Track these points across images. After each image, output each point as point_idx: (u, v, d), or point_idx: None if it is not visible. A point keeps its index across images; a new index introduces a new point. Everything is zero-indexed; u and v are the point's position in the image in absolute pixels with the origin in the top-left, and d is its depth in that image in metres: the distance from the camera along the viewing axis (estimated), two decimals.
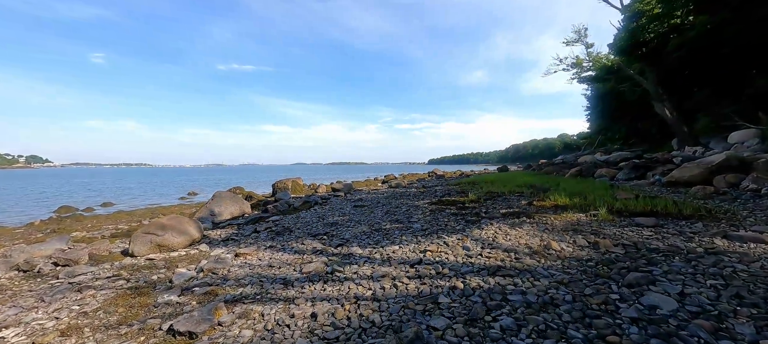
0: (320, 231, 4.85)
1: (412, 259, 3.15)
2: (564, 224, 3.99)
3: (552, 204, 5.37)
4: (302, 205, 8.03)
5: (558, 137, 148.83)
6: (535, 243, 3.31)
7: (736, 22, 9.01)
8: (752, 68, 9.91)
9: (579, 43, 15.61)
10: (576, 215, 4.37)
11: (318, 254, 3.67)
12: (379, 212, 6.35)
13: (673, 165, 7.78)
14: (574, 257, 2.84)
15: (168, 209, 12.32)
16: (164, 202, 16.12)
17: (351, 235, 4.43)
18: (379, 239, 4.07)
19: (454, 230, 4.20)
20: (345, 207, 7.47)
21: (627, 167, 8.33)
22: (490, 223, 4.44)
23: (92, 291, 3.06)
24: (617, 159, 10.82)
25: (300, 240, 4.43)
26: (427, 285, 2.49)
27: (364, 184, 21.63)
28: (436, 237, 3.91)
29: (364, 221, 5.48)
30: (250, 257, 3.85)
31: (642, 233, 3.33)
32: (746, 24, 8.91)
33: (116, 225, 8.25)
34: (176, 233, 4.56)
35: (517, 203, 5.99)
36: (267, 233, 5.23)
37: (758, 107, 8.66)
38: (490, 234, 3.84)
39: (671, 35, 11.75)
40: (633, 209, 4.21)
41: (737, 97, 9.86)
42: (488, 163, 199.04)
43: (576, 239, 3.31)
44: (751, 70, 10.00)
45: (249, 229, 5.72)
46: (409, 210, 6.25)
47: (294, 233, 4.99)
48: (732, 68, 10.63)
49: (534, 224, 4.14)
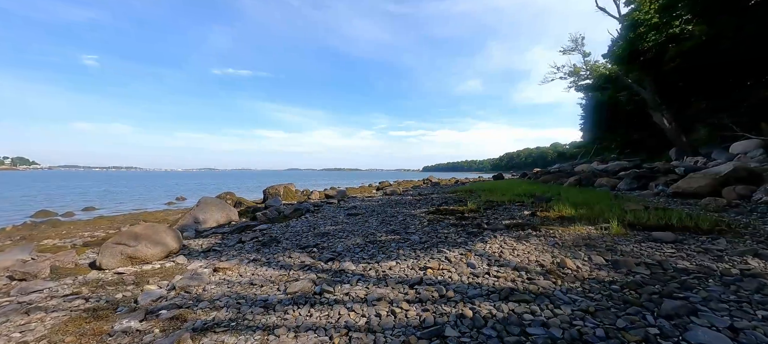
0: (310, 243, 4.48)
1: (411, 278, 2.80)
2: (574, 239, 3.69)
3: (557, 215, 5.08)
4: (293, 213, 7.64)
5: (551, 145, 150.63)
6: (547, 260, 2.99)
7: (733, 32, 9.01)
8: (751, 78, 9.93)
9: (576, 52, 15.66)
10: (585, 228, 4.08)
11: (306, 270, 3.30)
12: (374, 221, 6.00)
13: (675, 175, 7.60)
14: (594, 278, 2.53)
15: (152, 215, 11.77)
16: (150, 207, 15.52)
17: (343, 247, 4.07)
18: (374, 253, 3.72)
19: (455, 244, 3.87)
20: (338, 216, 7.10)
21: (628, 176, 8.13)
22: (494, 236, 4.12)
23: (41, 314, 2.64)
24: (616, 168, 10.67)
25: (287, 253, 4.05)
26: (430, 312, 2.14)
27: (358, 190, 21.24)
28: (436, 251, 3.58)
29: (357, 231, 5.12)
30: (231, 272, 3.46)
31: (663, 250, 3.04)
32: (744, 34, 8.90)
33: (93, 232, 7.74)
34: (150, 243, 4.14)
35: (519, 214, 5.70)
36: (253, 243, 4.83)
37: (759, 118, 8.59)
38: (495, 249, 3.51)
39: (670, 44, 11.76)
40: (646, 223, 3.94)
41: (736, 107, 9.84)
42: (482, 171, 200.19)
43: (591, 256, 3.00)
44: (749, 81, 10.01)
45: (234, 239, 5.31)
46: (406, 220, 5.92)
47: (282, 244, 4.60)
48: (730, 79, 10.64)
49: (541, 238, 3.84)
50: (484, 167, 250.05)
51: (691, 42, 10.80)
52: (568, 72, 15.25)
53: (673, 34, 11.77)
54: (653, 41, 12.21)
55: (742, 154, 7.46)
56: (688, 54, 11.05)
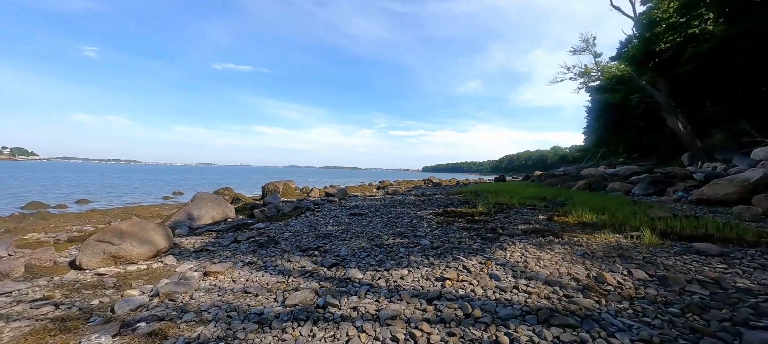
0: (311, 245, 4.12)
1: (428, 291, 2.45)
2: (604, 248, 3.35)
3: (576, 221, 4.74)
4: (292, 211, 7.28)
5: (551, 149, 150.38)
6: (581, 273, 2.65)
7: (755, 32, 8.65)
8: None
9: (587, 52, 15.28)
10: (613, 237, 3.73)
11: (307, 278, 2.94)
12: (379, 222, 5.65)
13: (694, 182, 7.26)
14: (643, 297, 2.18)
15: (147, 210, 11.40)
16: (145, 201, 15.14)
17: (348, 251, 3.72)
18: (382, 259, 3.37)
19: (471, 250, 3.52)
20: (340, 215, 6.75)
21: (644, 181, 7.80)
22: (512, 242, 3.77)
23: (1, 324, 2.28)
24: (627, 173, 10.33)
25: (286, 256, 3.69)
26: (457, 337, 1.79)
27: (359, 189, 20.89)
28: (451, 259, 3.22)
29: (362, 233, 4.77)
30: (223, 277, 3.11)
31: (711, 265, 2.69)
32: (766, 35, 8.56)
33: (82, 226, 7.37)
34: (136, 242, 3.78)
35: (533, 218, 5.35)
36: (249, 244, 4.48)
37: None
38: (517, 257, 3.17)
39: (689, 46, 11.36)
40: (681, 232, 3.59)
41: (755, 112, 9.49)
42: (481, 172, 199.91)
43: (631, 270, 2.66)
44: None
45: (229, 238, 4.96)
46: (413, 221, 5.57)
47: (280, 245, 4.25)
48: (749, 82, 10.29)
49: (566, 246, 3.49)
50: (483, 169, 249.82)
51: (710, 43, 10.44)
52: (578, 73, 14.87)
53: (692, 34, 11.37)
54: (671, 41, 11.82)
55: (766, 160, 7.13)
56: (706, 55, 10.68)
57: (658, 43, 12.05)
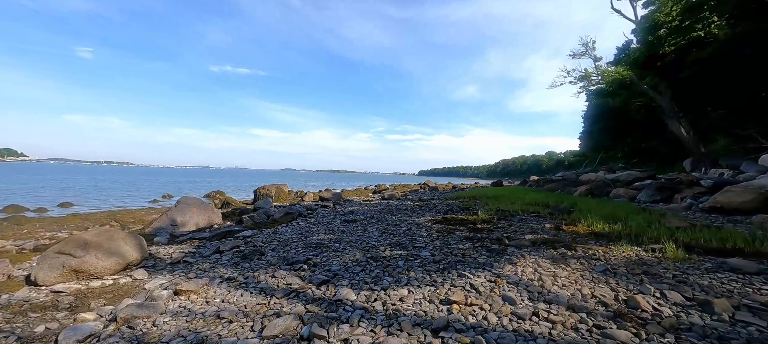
0: (300, 257, 3.74)
1: (433, 318, 2.09)
2: (625, 263, 3.01)
3: (587, 230, 4.42)
4: (283, 217, 6.87)
5: (546, 154, 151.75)
6: (608, 296, 2.30)
7: (759, 35, 8.51)
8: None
9: (586, 56, 15.07)
10: (631, 250, 3.40)
11: (291, 299, 2.56)
12: (375, 230, 5.28)
13: (702, 188, 7.01)
14: (688, 328, 1.84)
15: (132, 214, 10.89)
16: (132, 205, 14.57)
17: (340, 265, 3.34)
18: (378, 275, 2.99)
19: (477, 264, 3.17)
20: (333, 222, 6.36)
21: (649, 188, 7.54)
22: (522, 254, 3.43)
23: None
24: (630, 179, 10.10)
25: (271, 270, 3.30)
26: None
27: (354, 193, 20.50)
28: (456, 275, 2.87)
29: (356, 242, 4.39)
30: (195, 296, 2.71)
31: (757, 287, 2.36)
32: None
33: (56, 232, 6.88)
34: (102, 253, 3.37)
35: (539, 227, 5.03)
36: (232, 254, 4.08)
37: None
38: (529, 273, 2.82)
39: (693, 49, 11.19)
40: (706, 245, 3.28)
41: (760, 117, 9.34)
42: (477, 176, 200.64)
43: (663, 292, 2.32)
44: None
45: (211, 247, 4.55)
46: (411, 229, 5.21)
47: (266, 257, 3.85)
48: (753, 86, 10.16)
49: (582, 261, 3.15)
50: (479, 173, 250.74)
51: (712, 46, 10.30)
52: (578, 76, 14.66)
53: (696, 37, 11.20)
54: (674, 45, 11.65)
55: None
56: (709, 59, 10.54)
57: (661, 47, 11.88)
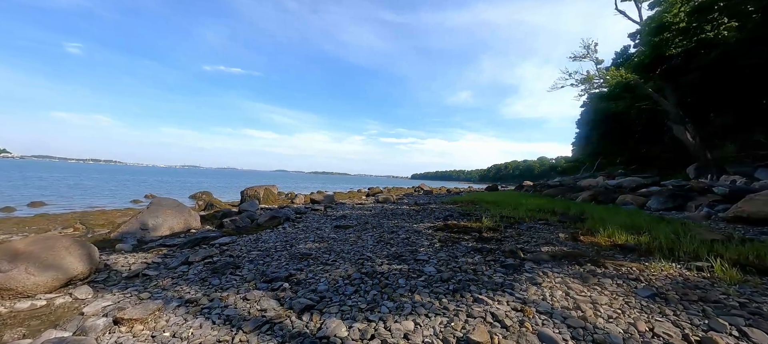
0: (281, 272, 3.16)
1: None
2: (672, 285, 2.52)
3: (609, 242, 3.94)
4: (268, 221, 6.26)
5: (537, 159, 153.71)
6: (671, 333, 1.79)
7: None
8: None
9: (588, 59, 14.76)
10: (671, 267, 2.92)
11: (264, 333, 1.99)
12: (370, 238, 4.72)
13: (715, 196, 6.64)
14: None
15: (106, 215, 10.11)
16: (110, 204, 13.71)
17: (328, 284, 2.78)
18: (375, 298, 2.44)
19: (494, 284, 2.64)
20: (324, 228, 5.79)
21: (661, 195, 7.16)
22: (543, 272, 2.92)
23: None
24: (633, 185, 9.75)
25: (245, 289, 2.72)
26: None
27: (347, 196, 19.92)
28: (471, 299, 2.34)
29: (348, 253, 3.83)
30: (141, 326, 2.12)
31: None
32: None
33: (12, 235, 6.15)
34: (36, 267, 2.74)
35: (553, 236, 4.54)
36: (202, 266, 3.47)
37: None
38: (560, 298, 2.31)
39: (701, 51, 10.92)
40: (760, 264, 2.81)
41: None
42: (470, 181, 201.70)
43: (740, 328, 1.82)
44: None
45: (181, 257, 3.93)
46: (411, 238, 4.67)
47: (241, 271, 3.26)
48: (762, 92, 9.94)
49: (618, 281, 2.65)
50: (472, 178, 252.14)
51: (717, 50, 10.06)
52: (580, 79, 14.33)
53: (705, 39, 10.92)
54: (682, 47, 11.36)
55: None
56: (716, 62, 10.29)
57: (667, 49, 11.58)
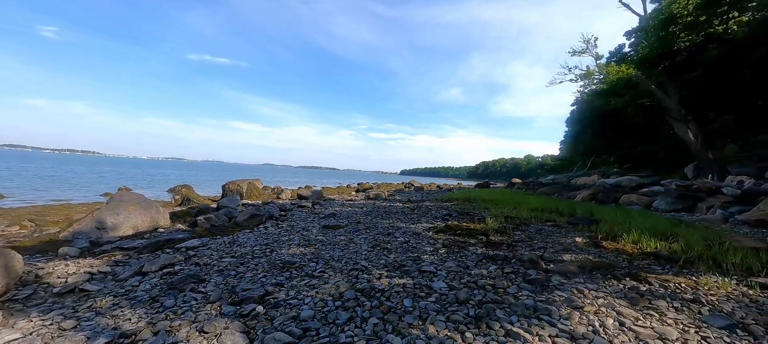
0: (255, 288, 2.54)
1: None
2: (744, 309, 2.05)
3: (637, 250, 3.48)
4: (248, 220, 5.57)
5: (524, 157, 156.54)
6: None
7: None
8: None
9: (587, 54, 14.44)
10: (727, 284, 2.46)
11: None
12: (363, 242, 4.13)
13: (725, 197, 6.35)
14: None
15: (71, 209, 9.17)
16: (78, 198, 12.64)
17: (314, 306, 2.18)
18: (376, 331, 1.86)
19: (524, 308, 2.11)
20: (311, 228, 5.16)
21: (668, 195, 6.85)
22: (578, 289, 2.41)
23: None
24: (633, 184, 9.49)
25: (204, 313, 2.10)
26: None
27: (336, 192, 19.27)
28: (501, 331, 1.79)
29: (339, 261, 3.24)
30: None
31: None
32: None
33: None
34: None
35: (569, 241, 4.06)
36: (158, 278, 2.82)
37: None
38: (614, 329, 1.79)
39: (708, 46, 10.63)
40: None
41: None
42: (459, 178, 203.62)
43: None
44: None
45: (135, 265, 3.25)
46: (410, 241, 4.11)
47: (205, 285, 2.63)
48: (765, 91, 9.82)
49: (673, 302, 2.16)
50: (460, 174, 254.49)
51: (722, 46, 9.88)
52: (579, 74, 13.99)
53: (714, 34, 10.65)
54: (689, 41, 11.08)
55: None
56: (720, 59, 10.09)
57: (675, 43, 11.27)
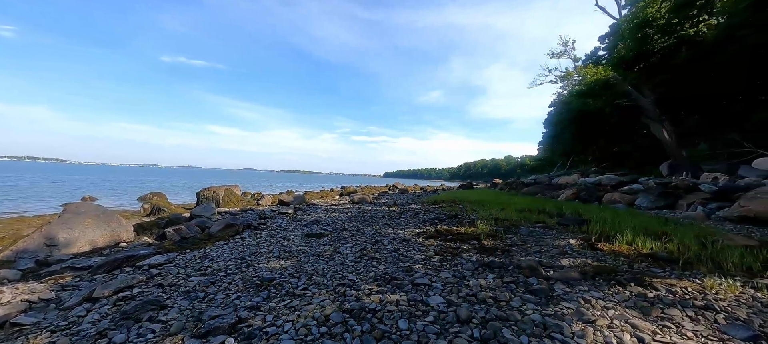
0: (227, 314, 2.20)
1: None
2: (761, 316, 1.92)
3: (633, 251, 3.38)
4: (223, 230, 5.13)
5: (504, 158, 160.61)
6: None
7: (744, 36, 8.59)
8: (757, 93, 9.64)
9: (565, 56, 14.91)
10: (734, 287, 2.35)
11: None
12: (349, 251, 3.84)
13: (703, 193, 6.52)
14: None
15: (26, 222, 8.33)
16: (35, 209, 11.57)
17: (295, 337, 1.87)
18: None
19: (530, 324, 1.90)
20: (292, 237, 4.81)
21: (650, 193, 6.99)
22: (584, 298, 2.24)
23: None
24: (613, 183, 9.71)
25: None
26: None
27: (319, 196, 18.81)
28: None
29: (324, 275, 2.94)
30: None
31: None
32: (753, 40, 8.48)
33: None
34: None
35: (564, 243, 3.94)
36: (111, 306, 2.42)
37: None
38: None
39: (682, 48, 11.18)
40: None
41: (739, 122, 9.43)
42: (441, 179, 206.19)
43: None
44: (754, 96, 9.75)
45: (85, 290, 2.82)
46: (400, 249, 3.85)
47: (167, 313, 2.26)
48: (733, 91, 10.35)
49: (686, 310, 2.02)
50: (443, 175, 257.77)
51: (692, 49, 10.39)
52: (559, 76, 14.40)
53: (685, 36, 11.23)
54: (663, 43, 11.62)
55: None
56: (689, 61, 10.61)
57: (649, 45, 11.79)
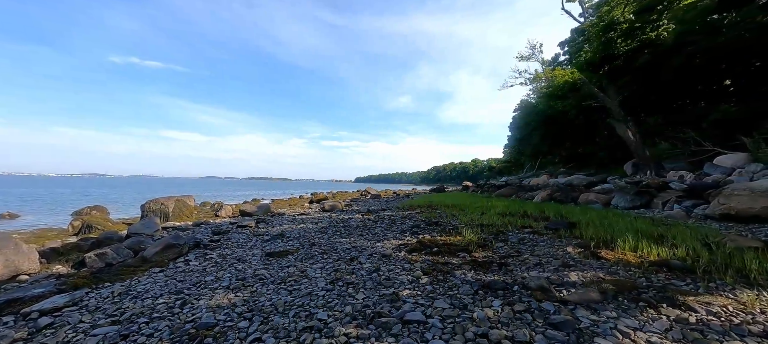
0: None
1: None
2: None
3: (637, 258, 3.05)
4: (161, 252, 4.17)
5: (472, 161, 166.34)
6: None
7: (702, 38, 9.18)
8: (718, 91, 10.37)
9: (533, 59, 15.41)
10: (750, 298, 2.02)
11: None
12: (319, 274, 3.16)
13: (673, 191, 6.62)
14: None
15: None
16: None
17: None
18: None
19: None
20: (250, 257, 4.01)
21: (626, 192, 7.02)
22: (621, 331, 1.77)
23: None
24: (584, 183, 9.87)
25: None
26: None
27: (287, 204, 17.64)
28: None
29: (284, 313, 2.25)
30: None
31: None
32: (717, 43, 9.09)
33: None
34: None
35: (558, 251, 3.55)
36: None
37: (730, 133, 8.58)
38: None
39: (644, 51, 11.83)
40: None
41: (696, 122, 10.03)
42: (413, 183, 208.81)
43: None
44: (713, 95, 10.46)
45: None
46: (380, 268, 3.24)
47: None
48: (692, 91, 11.05)
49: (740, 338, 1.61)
50: (414, 179, 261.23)
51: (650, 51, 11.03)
52: (529, 78, 14.82)
53: (647, 40, 11.92)
54: (627, 46, 12.26)
55: (740, 168, 6.92)
56: (649, 64, 11.24)
57: (614, 48, 12.39)
